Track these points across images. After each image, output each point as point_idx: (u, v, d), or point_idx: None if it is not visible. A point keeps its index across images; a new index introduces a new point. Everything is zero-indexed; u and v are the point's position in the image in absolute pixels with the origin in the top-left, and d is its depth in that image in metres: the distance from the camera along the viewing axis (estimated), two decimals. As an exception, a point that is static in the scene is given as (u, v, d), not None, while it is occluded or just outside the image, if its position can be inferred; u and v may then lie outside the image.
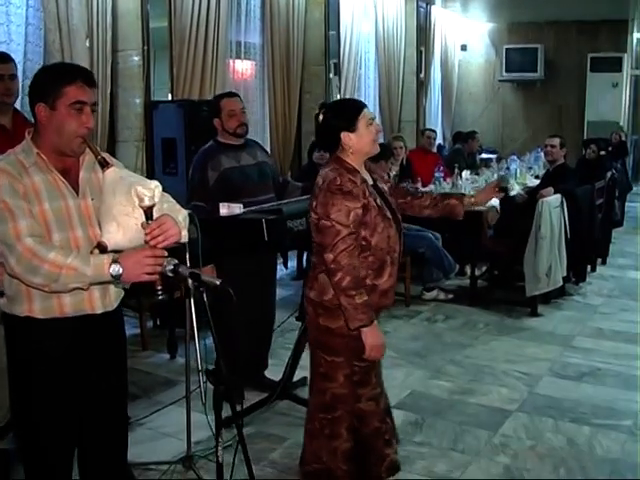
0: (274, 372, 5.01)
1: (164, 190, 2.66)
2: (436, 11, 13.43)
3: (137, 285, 2.72)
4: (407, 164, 8.47)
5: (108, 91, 6.44)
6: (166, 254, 2.62)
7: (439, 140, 13.98)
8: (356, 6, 10.42)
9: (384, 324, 6.52)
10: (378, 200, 3.37)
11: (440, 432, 4.54)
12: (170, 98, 6.99)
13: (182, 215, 2.82)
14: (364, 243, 3.32)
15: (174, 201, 2.89)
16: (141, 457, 4.12)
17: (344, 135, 3.35)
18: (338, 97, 10.05)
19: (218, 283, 2.50)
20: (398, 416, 4.68)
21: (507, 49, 14.55)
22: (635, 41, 14.27)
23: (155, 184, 2.58)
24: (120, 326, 2.99)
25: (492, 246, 7.25)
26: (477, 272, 7.39)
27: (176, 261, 2.58)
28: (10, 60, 4.28)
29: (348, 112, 3.41)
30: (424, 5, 12.89)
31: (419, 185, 8.06)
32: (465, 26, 15.08)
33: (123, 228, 2.60)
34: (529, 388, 5.23)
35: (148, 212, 2.54)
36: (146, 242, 2.57)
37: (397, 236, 3.43)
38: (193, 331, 3.14)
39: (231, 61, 8.15)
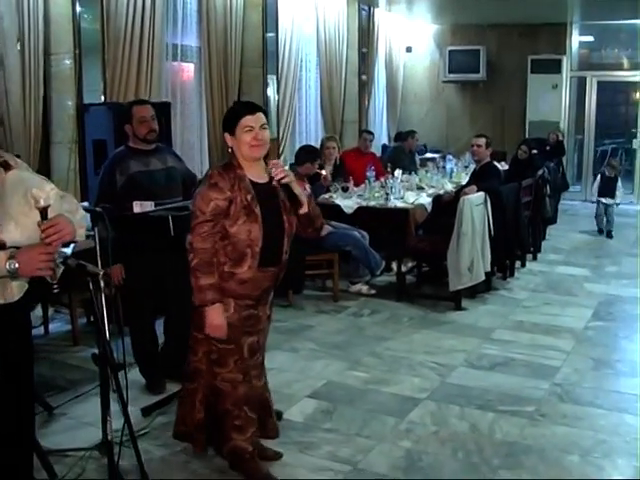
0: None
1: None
2: (380, 14, 13.64)
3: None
4: (340, 164, 8.68)
5: (41, 94, 6.55)
6: (63, 251, 2.83)
7: (384, 140, 14.26)
8: (296, 9, 10.59)
9: (310, 318, 6.82)
10: (249, 197, 3.63)
11: (349, 419, 4.75)
12: (103, 100, 7.12)
13: (79, 215, 3.02)
14: (224, 232, 3.63)
15: (75, 202, 3.08)
16: (61, 445, 4.29)
17: (226, 136, 3.74)
18: (277, 97, 10.26)
19: (101, 273, 2.72)
20: (311, 405, 4.96)
21: (450, 51, 14.80)
22: (574, 44, 14.60)
23: (50, 187, 2.81)
24: (24, 317, 3.16)
25: (416, 243, 7.49)
26: (404, 268, 7.61)
27: (66, 254, 2.80)
28: None
29: (230, 116, 3.75)
30: (366, 8, 13.10)
31: (350, 184, 8.30)
32: (410, 28, 15.30)
33: (21, 227, 2.79)
34: (441, 378, 5.46)
35: (43, 212, 2.74)
36: (42, 240, 2.77)
37: (261, 232, 3.65)
38: (103, 324, 3.36)
39: (168, 63, 8.27)
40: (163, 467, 4.12)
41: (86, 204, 5.29)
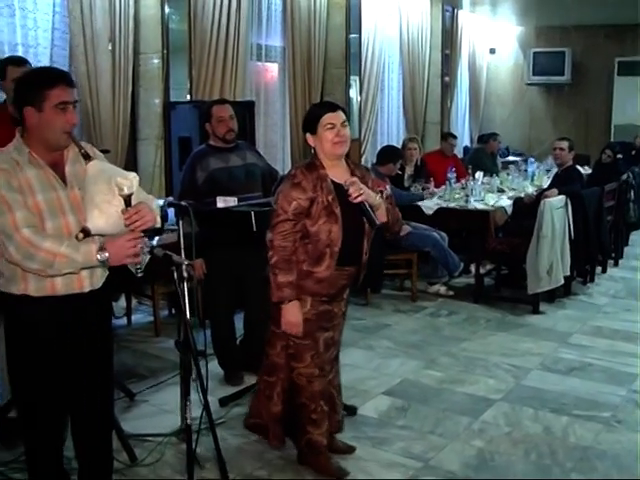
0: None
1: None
2: (463, 15, 13.60)
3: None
4: (421, 165, 8.71)
5: (129, 92, 6.77)
6: (144, 237, 2.96)
7: (466, 142, 14.20)
8: (379, 10, 10.65)
9: (387, 317, 6.87)
10: (330, 197, 3.69)
11: (423, 417, 4.81)
12: (188, 99, 7.30)
13: (154, 204, 3.14)
14: (305, 231, 3.69)
15: (144, 192, 3.18)
16: (142, 430, 4.47)
17: (308, 136, 3.80)
18: (359, 98, 10.33)
19: (186, 263, 2.83)
20: (386, 401, 5.02)
21: (535, 53, 14.64)
22: (663, 46, 14.29)
23: (133, 175, 2.92)
24: (106, 303, 3.32)
25: (496, 245, 7.47)
26: (482, 270, 7.62)
27: (153, 244, 2.93)
28: (26, 63, 4.51)
29: (310, 116, 3.81)
30: (450, 9, 13.06)
31: (431, 185, 8.32)
32: (494, 30, 15.20)
33: (105, 214, 2.90)
34: (516, 380, 5.46)
35: (127, 200, 2.85)
36: (126, 226, 2.89)
37: (340, 233, 3.71)
38: (186, 313, 3.48)
39: (252, 63, 8.42)
40: (238, 456, 4.23)
41: (171, 199, 5.44)
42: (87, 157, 2.96)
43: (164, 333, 6.31)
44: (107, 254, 2.85)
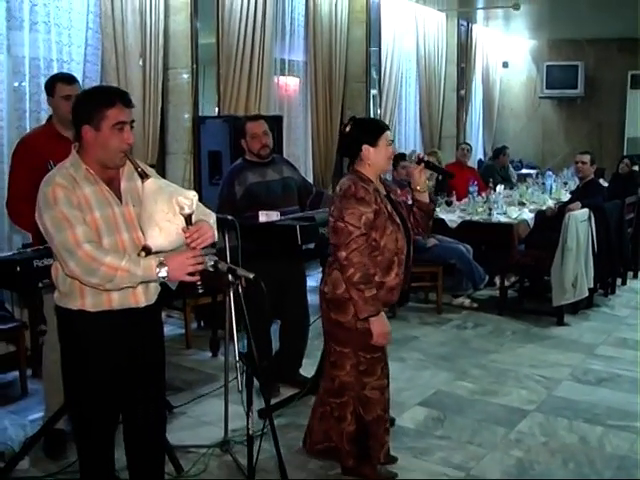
0: (309, 371, 5.37)
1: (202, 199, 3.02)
2: (477, 29, 13.70)
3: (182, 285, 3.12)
4: (443, 178, 8.77)
5: (159, 106, 6.83)
6: (212, 256, 3.02)
7: (479, 155, 14.26)
8: (397, 24, 10.73)
9: (415, 329, 6.93)
10: (389, 207, 3.82)
11: (460, 427, 4.87)
12: (217, 113, 7.37)
13: (212, 219, 3.20)
14: (374, 243, 3.77)
15: (203, 206, 3.24)
16: (183, 441, 4.52)
17: (365, 148, 3.84)
18: (378, 112, 10.40)
19: (251, 276, 2.89)
20: (422, 412, 5.09)
21: (548, 66, 14.68)
22: (676, 59, 14.35)
23: (193, 194, 2.97)
24: (159, 317, 3.39)
25: (520, 258, 7.55)
26: (506, 283, 7.67)
27: (216, 258, 3.00)
28: (76, 81, 4.58)
29: (374, 129, 3.91)
30: (465, 23, 13.16)
31: (454, 199, 8.39)
32: (507, 43, 15.29)
33: (165, 232, 2.95)
34: (548, 391, 5.52)
35: (188, 218, 2.91)
36: (187, 244, 2.95)
37: (405, 240, 3.84)
38: (231, 323, 3.53)
39: (276, 78, 8.51)
40: (282, 466, 4.28)
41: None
42: (144, 176, 3.01)
43: (195, 345, 6.41)
44: (166, 271, 2.90)
